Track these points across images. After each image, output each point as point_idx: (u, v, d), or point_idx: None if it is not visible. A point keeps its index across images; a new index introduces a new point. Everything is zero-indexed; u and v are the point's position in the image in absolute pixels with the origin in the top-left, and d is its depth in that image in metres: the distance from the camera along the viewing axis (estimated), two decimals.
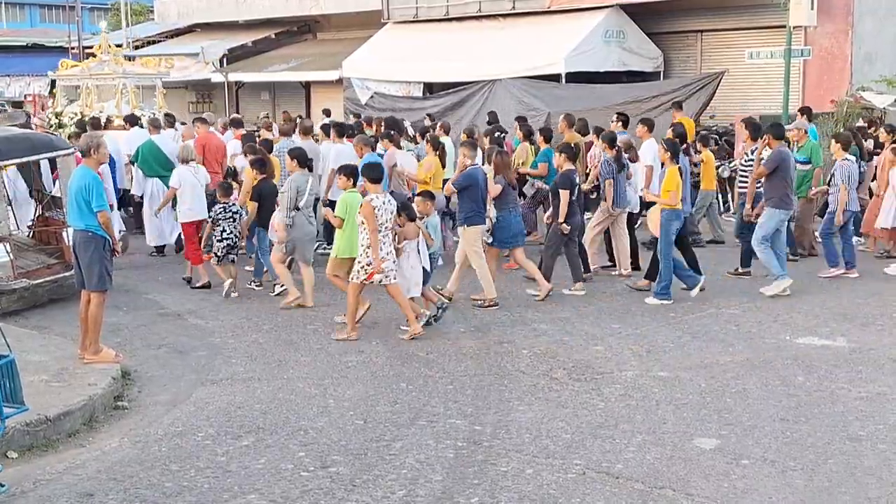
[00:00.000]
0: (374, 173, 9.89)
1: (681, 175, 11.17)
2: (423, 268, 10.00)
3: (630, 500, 5.88)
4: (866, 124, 16.66)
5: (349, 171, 10.30)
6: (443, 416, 7.41)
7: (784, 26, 19.35)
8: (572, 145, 12.44)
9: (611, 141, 12.42)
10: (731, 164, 16.56)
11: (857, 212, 12.92)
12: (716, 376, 8.33)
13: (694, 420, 7.27)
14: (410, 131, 16.52)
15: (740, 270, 12.42)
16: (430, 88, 24.35)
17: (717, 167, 16.93)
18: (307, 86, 29.51)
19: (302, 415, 7.50)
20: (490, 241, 11.37)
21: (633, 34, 22.56)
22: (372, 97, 24.34)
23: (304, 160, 11.26)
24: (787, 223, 12.13)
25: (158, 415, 7.65)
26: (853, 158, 12.93)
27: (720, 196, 16.93)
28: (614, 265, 12.73)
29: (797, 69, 20.69)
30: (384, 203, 9.58)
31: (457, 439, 6.91)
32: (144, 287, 12.42)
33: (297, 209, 10.95)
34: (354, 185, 10.22)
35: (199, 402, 7.89)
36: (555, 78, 21.27)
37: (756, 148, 12.75)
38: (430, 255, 10.22)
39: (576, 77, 21.16)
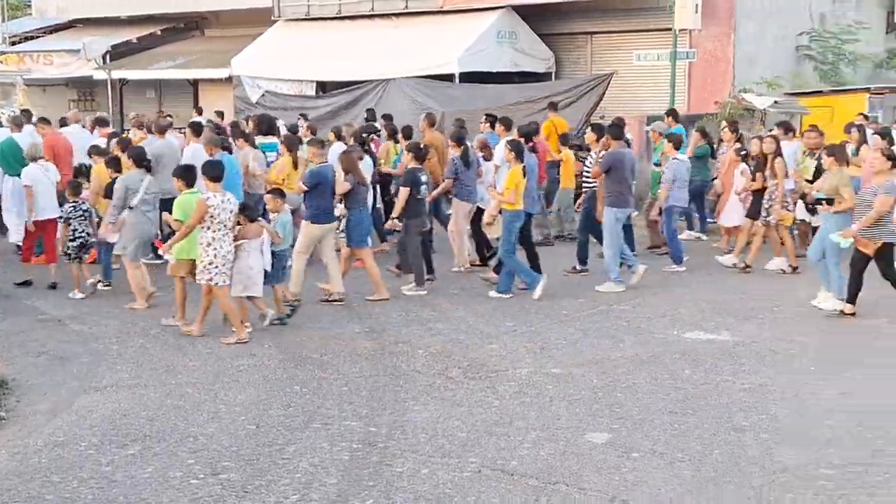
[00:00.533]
0: (214, 172, 9.74)
1: (524, 174, 11.30)
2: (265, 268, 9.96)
3: (524, 496, 5.91)
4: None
5: (179, 173, 10.14)
6: (337, 419, 7.33)
7: (670, 29, 19.75)
8: (421, 145, 12.62)
9: (458, 140, 12.73)
10: None
11: (685, 208, 13.61)
12: (607, 372, 8.45)
13: (586, 415, 7.35)
14: (283, 130, 16.37)
15: (578, 269, 12.71)
16: (323, 87, 24.13)
17: None
18: (195, 84, 28.91)
19: (191, 421, 7.33)
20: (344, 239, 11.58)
21: (526, 35, 22.75)
22: (263, 96, 23.98)
23: (140, 160, 11.15)
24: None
25: (38, 424, 7.37)
26: (684, 157, 13.54)
27: None
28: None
29: (683, 71, 21.15)
30: (222, 202, 9.47)
31: (352, 441, 6.85)
32: (22, 291, 11.99)
33: (130, 208, 10.85)
34: (189, 186, 10.02)
35: (82, 411, 7.63)
36: (448, 78, 21.31)
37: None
38: (280, 253, 10.22)
39: (469, 77, 21.23)
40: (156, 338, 9.78)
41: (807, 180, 12.87)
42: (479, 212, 12.67)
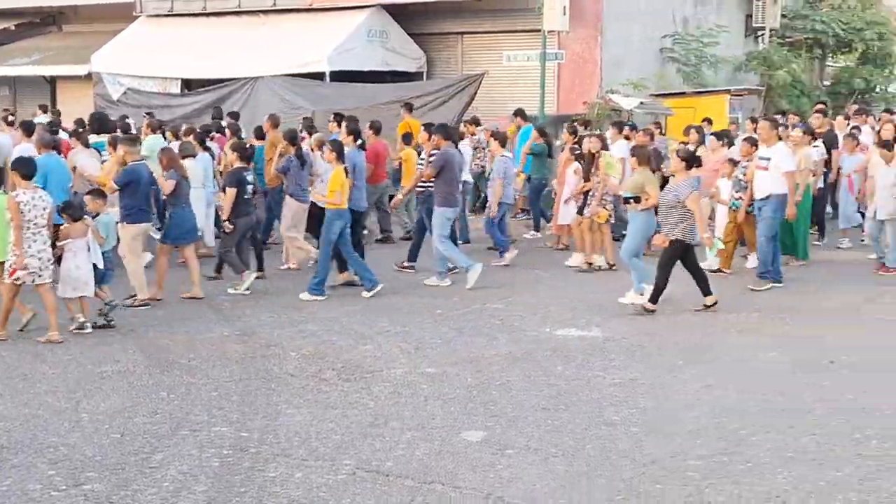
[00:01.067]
0: (25, 169, 9.47)
1: (347, 174, 11.32)
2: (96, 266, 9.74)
3: (400, 497, 5.85)
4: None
5: None
6: (207, 425, 7.13)
7: (539, 30, 20.01)
8: (246, 145, 12.66)
9: (292, 138, 12.83)
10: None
11: (511, 204, 14.00)
12: (481, 370, 8.47)
13: (461, 414, 7.35)
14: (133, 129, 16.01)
15: (405, 265, 12.87)
16: (189, 85, 23.57)
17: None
18: (52, 81, 27.84)
19: (51, 431, 7.00)
20: (159, 237, 11.51)
21: (396, 34, 22.72)
22: (125, 93, 23.27)
23: None
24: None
25: None
26: (510, 155, 13.88)
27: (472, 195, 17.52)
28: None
29: (552, 72, 21.44)
30: (33, 199, 9.20)
31: (222, 447, 6.67)
32: None
33: None
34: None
35: None
36: (319, 76, 21.11)
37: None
38: (105, 254, 9.99)
39: (340, 76, 21.07)
40: (11, 345, 9.30)
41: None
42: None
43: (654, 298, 10.48)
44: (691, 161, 10.67)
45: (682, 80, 24.39)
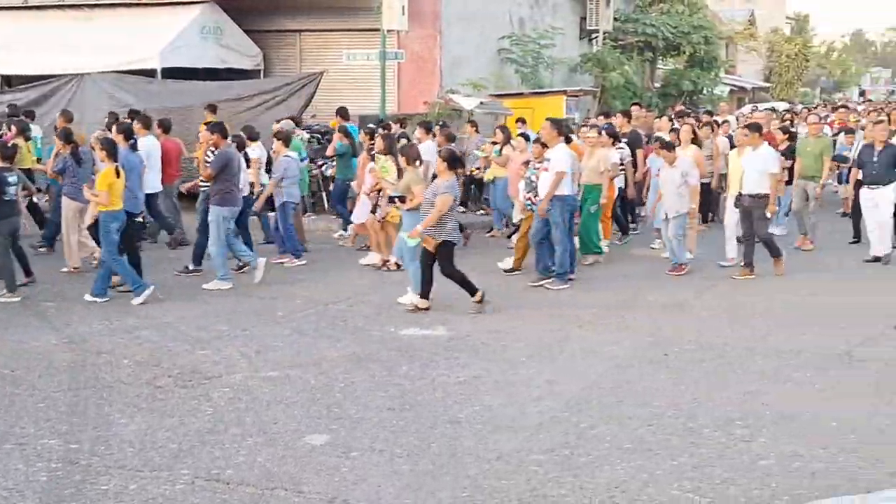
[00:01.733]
0: None
1: (118, 174, 11.06)
2: None
3: None
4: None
5: None
6: (34, 437, 6.76)
7: (379, 29, 19.98)
8: (8, 143, 12.35)
9: (66, 137, 12.48)
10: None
11: (297, 203, 14.06)
12: (325, 372, 8.35)
13: (304, 417, 7.22)
14: None
15: (190, 268, 12.66)
16: (9, 82, 22.43)
17: (321, 165, 17.23)
18: None
19: None
20: None
21: (232, 31, 22.23)
22: None
23: None
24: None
25: None
26: (294, 155, 13.95)
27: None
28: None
29: (392, 71, 21.46)
30: None
31: (50, 461, 6.33)
32: None
33: None
34: None
35: None
36: (150, 73, 20.43)
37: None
38: None
39: (173, 73, 20.45)
40: None
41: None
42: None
43: (424, 294, 10.57)
44: (453, 162, 10.66)
45: (520, 81, 24.83)
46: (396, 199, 11.16)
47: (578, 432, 6.88)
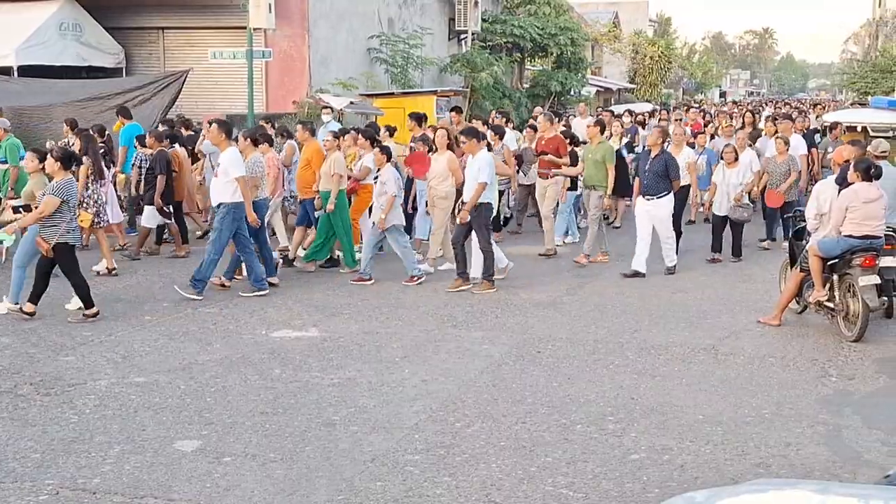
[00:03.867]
0: None
1: None
2: None
3: None
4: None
5: None
6: None
7: (245, 28, 19.68)
8: None
9: None
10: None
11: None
12: (195, 377, 8.16)
13: (174, 423, 7.03)
14: None
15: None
16: None
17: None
18: None
19: None
20: None
21: (91, 28, 21.56)
22: None
23: None
24: None
25: None
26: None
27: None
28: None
29: (260, 70, 21.18)
30: None
31: None
32: None
33: None
34: None
35: None
36: (6, 71, 19.63)
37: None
38: None
39: (30, 71, 19.70)
40: None
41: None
42: None
43: (34, 298, 10.14)
44: (66, 161, 10.27)
45: (390, 81, 24.84)
46: (21, 209, 10.83)
47: (454, 431, 6.90)
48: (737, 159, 14.16)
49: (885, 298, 9.73)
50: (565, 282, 12.40)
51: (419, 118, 14.91)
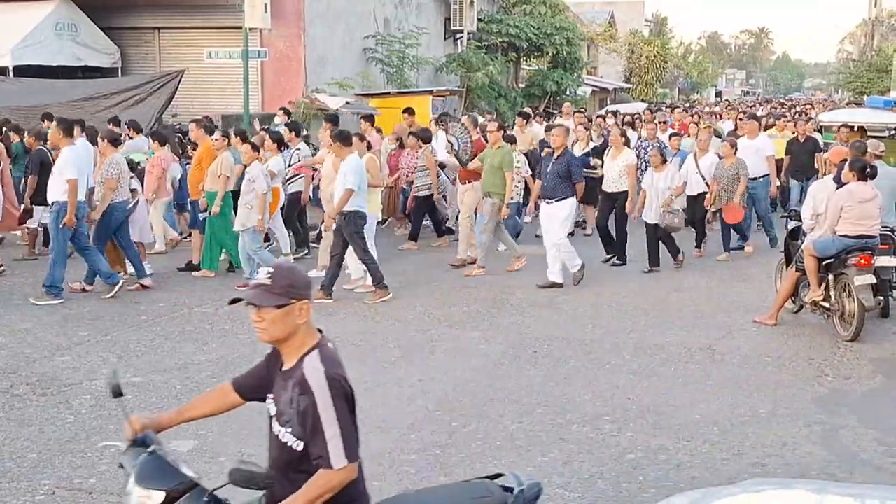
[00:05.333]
0: None
1: None
2: None
3: None
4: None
5: None
6: None
7: (241, 27, 19.66)
8: None
9: None
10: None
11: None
12: (191, 376, 8.17)
13: None
14: None
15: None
16: None
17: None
18: None
19: None
20: None
21: (87, 28, 21.54)
22: None
23: None
24: None
25: None
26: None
27: None
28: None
29: (256, 70, 21.16)
30: None
31: None
32: None
33: None
34: None
35: None
36: (1, 71, 19.62)
37: None
38: None
39: (26, 71, 19.69)
40: None
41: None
42: None
43: None
44: None
45: (385, 81, 24.82)
46: None
47: (450, 431, 6.91)
48: (664, 162, 13.39)
49: (881, 298, 9.75)
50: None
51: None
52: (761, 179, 14.82)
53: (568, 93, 34.99)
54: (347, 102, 20.45)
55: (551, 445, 6.64)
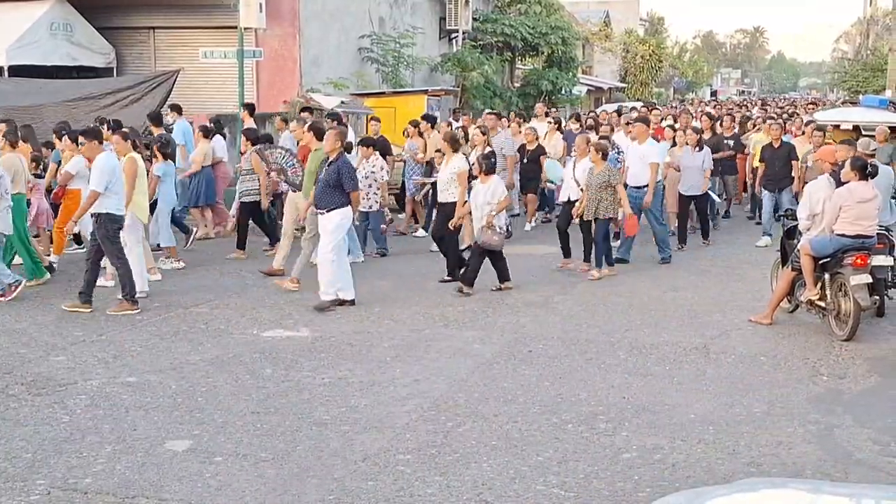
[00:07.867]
0: None
1: None
2: None
3: None
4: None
5: None
6: None
7: (236, 27, 19.64)
8: None
9: None
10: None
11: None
12: (186, 376, 8.15)
13: (165, 423, 7.02)
14: None
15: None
16: None
17: None
18: None
19: None
20: None
21: (82, 28, 21.49)
22: None
23: None
24: None
25: None
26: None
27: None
28: None
29: (251, 70, 21.14)
30: None
31: None
32: None
33: None
34: None
35: None
36: None
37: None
38: None
39: (20, 71, 19.64)
40: None
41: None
42: None
43: None
44: None
45: (381, 80, 24.82)
46: None
47: (445, 431, 6.90)
48: (488, 173, 11.69)
49: (877, 297, 9.75)
50: (557, 282, 12.41)
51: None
52: (646, 189, 13.36)
53: (563, 92, 35.01)
54: (342, 102, 20.43)
55: (546, 445, 6.64)
